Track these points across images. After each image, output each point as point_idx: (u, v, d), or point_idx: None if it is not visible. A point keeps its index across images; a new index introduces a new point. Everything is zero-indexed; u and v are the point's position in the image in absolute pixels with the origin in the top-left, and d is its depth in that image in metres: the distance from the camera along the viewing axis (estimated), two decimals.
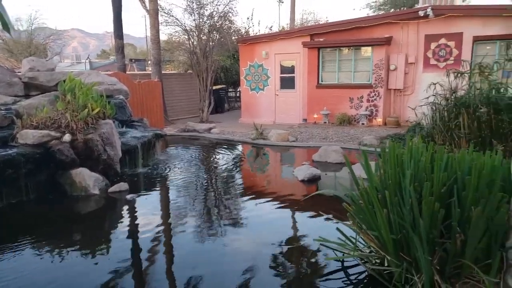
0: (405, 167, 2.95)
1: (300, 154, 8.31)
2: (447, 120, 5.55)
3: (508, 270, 2.44)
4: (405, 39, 11.15)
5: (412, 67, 11.17)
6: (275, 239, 3.87)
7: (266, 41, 13.21)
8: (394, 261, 2.79)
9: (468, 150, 3.08)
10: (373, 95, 11.48)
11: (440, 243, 2.60)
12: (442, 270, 2.61)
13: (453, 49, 10.60)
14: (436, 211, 2.54)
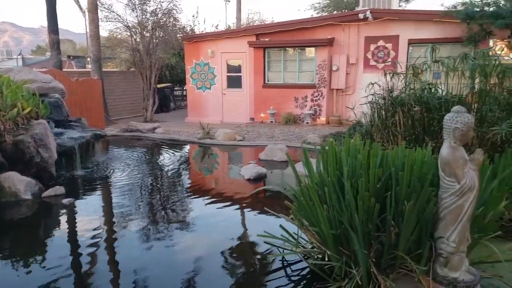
0: (343, 164, 3.04)
1: (247, 153, 8.33)
2: (385, 118, 5.83)
3: (436, 259, 2.60)
4: (347, 41, 11.58)
5: (353, 67, 11.64)
6: (222, 238, 3.85)
7: (212, 39, 13.10)
8: (334, 255, 2.86)
9: (403, 146, 3.25)
10: (316, 95, 11.80)
11: (376, 237, 2.71)
12: (378, 262, 2.72)
13: (391, 51, 11.19)
14: (372, 206, 2.64)
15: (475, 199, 2.47)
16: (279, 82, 12.31)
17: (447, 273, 2.54)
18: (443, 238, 2.53)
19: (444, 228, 2.53)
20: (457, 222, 2.48)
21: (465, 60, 5.30)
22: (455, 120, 2.45)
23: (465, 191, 2.43)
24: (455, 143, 2.47)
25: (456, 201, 2.46)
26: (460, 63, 5.36)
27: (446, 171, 2.48)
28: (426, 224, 2.59)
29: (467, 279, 2.51)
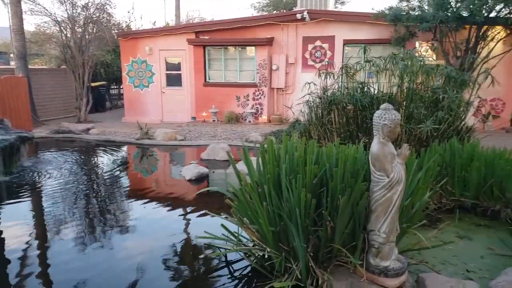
0: (281, 161, 3.09)
1: (188, 153, 8.19)
2: (321, 116, 6.03)
3: (369, 250, 2.74)
4: (286, 40, 11.82)
5: (292, 67, 11.91)
6: (163, 241, 3.76)
7: (149, 36, 12.69)
8: (274, 252, 2.90)
9: (337, 143, 3.38)
10: (258, 93, 11.92)
11: (313, 231, 2.78)
12: (316, 256, 2.80)
13: (327, 51, 11.60)
14: (309, 202, 2.71)
15: (402, 191, 2.63)
16: (220, 81, 12.26)
17: (379, 262, 2.69)
18: (374, 230, 2.66)
19: (375, 220, 2.67)
20: (387, 214, 2.62)
21: (394, 60, 5.64)
22: (383, 117, 2.59)
23: (393, 184, 2.58)
24: (384, 139, 2.61)
25: (386, 194, 2.60)
26: (389, 63, 5.70)
27: (376, 166, 2.61)
28: (359, 217, 2.71)
29: (396, 267, 2.67)
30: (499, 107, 10.49)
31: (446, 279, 2.72)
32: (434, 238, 3.63)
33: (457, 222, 4.09)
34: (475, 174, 4.28)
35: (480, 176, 4.29)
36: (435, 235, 3.69)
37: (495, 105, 10.48)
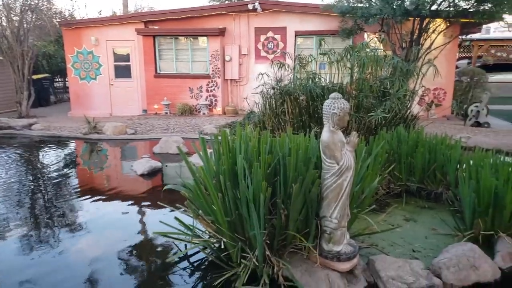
0: (236, 152, 3.07)
1: (140, 147, 7.95)
2: (275, 107, 6.07)
3: (322, 235, 2.80)
4: (238, 31, 11.74)
5: (246, 58, 11.88)
6: (117, 239, 3.62)
7: (95, 26, 12.10)
8: (230, 242, 2.89)
9: (290, 132, 3.41)
10: (211, 85, 11.79)
11: (268, 220, 2.80)
12: (271, 244, 2.83)
13: (280, 42, 11.68)
14: (264, 191, 2.72)
15: (352, 177, 2.71)
16: (172, 72, 11.97)
17: (331, 247, 2.76)
18: (326, 216, 2.73)
19: (327, 206, 2.73)
20: (338, 200, 2.70)
21: (350, 53, 5.78)
22: (332, 106, 2.64)
23: (343, 171, 2.65)
24: (334, 127, 2.66)
25: (337, 181, 2.67)
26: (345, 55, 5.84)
27: (326, 154, 2.67)
28: (312, 204, 2.77)
29: (348, 251, 2.76)
30: (441, 96, 11.13)
31: (394, 260, 2.86)
32: (383, 222, 3.79)
33: (404, 205, 4.31)
34: (420, 159, 4.52)
35: (424, 161, 4.53)
36: (384, 219, 3.85)
37: (438, 94, 11.11)
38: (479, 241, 3.31)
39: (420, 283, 2.61)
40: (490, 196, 3.28)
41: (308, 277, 2.70)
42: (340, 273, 2.72)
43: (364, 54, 5.59)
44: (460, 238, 3.38)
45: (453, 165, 4.28)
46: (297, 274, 2.75)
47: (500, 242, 3.20)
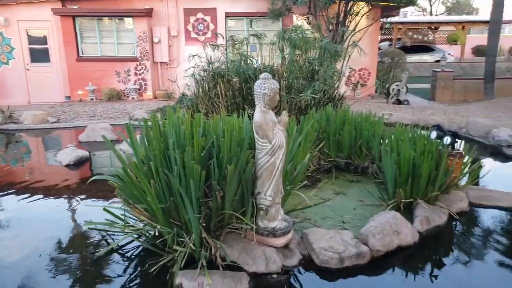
0: (168, 136, 2.99)
1: (64, 136, 7.43)
2: (207, 90, 5.99)
3: (258, 213, 2.86)
4: (166, 12, 11.31)
5: (175, 40, 11.51)
6: (43, 234, 3.36)
7: (3, 4, 10.91)
8: (166, 228, 2.84)
9: (223, 115, 3.40)
10: (140, 68, 11.30)
11: (204, 202, 2.79)
12: (208, 227, 2.83)
13: (210, 23, 11.47)
14: (198, 174, 2.69)
15: (284, 155, 2.78)
16: (96, 55, 11.26)
17: (267, 224, 2.84)
18: (261, 194, 2.79)
19: (261, 185, 2.78)
20: (272, 178, 2.76)
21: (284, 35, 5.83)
22: (263, 87, 2.67)
23: (275, 149, 2.71)
24: (265, 108, 2.70)
25: (270, 159, 2.72)
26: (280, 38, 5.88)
27: (259, 134, 2.70)
28: (247, 183, 2.80)
29: (283, 227, 2.85)
30: (366, 76, 11.78)
31: (325, 232, 3.01)
32: (315, 197, 3.97)
33: (334, 180, 4.54)
34: (347, 136, 4.76)
35: (351, 138, 4.78)
36: (315, 194, 4.03)
37: (363, 74, 11.74)
38: (401, 208, 3.61)
39: (350, 251, 2.79)
40: (409, 167, 3.58)
41: (246, 255, 2.75)
42: (276, 249, 2.81)
43: (296, 36, 5.70)
44: (384, 207, 3.65)
45: (376, 140, 4.58)
46: (234, 254, 2.78)
47: (418, 208, 3.51)
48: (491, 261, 3.00)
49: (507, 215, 3.72)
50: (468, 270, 2.91)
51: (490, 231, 3.47)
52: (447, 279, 2.78)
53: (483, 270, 2.91)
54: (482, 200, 3.91)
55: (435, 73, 11.51)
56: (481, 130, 6.31)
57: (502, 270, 2.89)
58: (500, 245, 3.24)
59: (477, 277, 2.82)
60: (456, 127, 6.94)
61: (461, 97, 11.39)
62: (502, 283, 2.74)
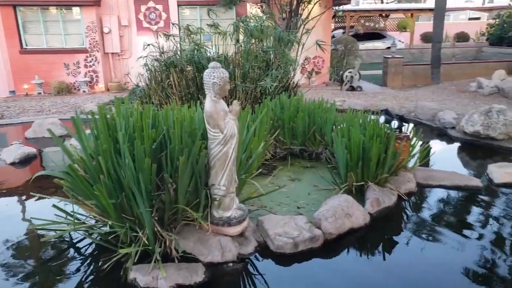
0: (117, 129, 2.90)
1: (9, 133, 7.02)
2: (160, 80, 5.86)
3: (212, 204, 2.86)
4: (115, 1, 10.86)
5: (127, 30, 11.11)
6: None
7: None
8: (118, 224, 2.77)
9: (174, 105, 3.34)
10: (90, 60, 10.82)
11: (157, 196, 2.74)
12: (162, 220, 2.79)
13: (162, 12, 11.14)
14: (149, 167, 2.63)
15: (236, 145, 2.78)
16: (42, 47, 10.64)
17: (222, 214, 2.84)
18: (215, 184, 2.78)
19: (215, 175, 2.78)
20: (225, 168, 2.76)
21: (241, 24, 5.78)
22: (212, 76, 2.64)
23: (228, 139, 2.70)
24: (216, 97, 2.68)
25: (222, 149, 2.71)
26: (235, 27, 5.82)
27: (210, 123, 2.68)
28: (200, 174, 2.78)
29: (238, 215, 2.87)
30: (320, 64, 11.98)
31: (280, 218, 3.07)
32: (270, 184, 4.02)
33: (290, 167, 4.61)
34: (301, 124, 4.84)
35: (305, 125, 4.86)
36: (271, 181, 4.08)
37: (317, 62, 11.92)
38: (353, 191, 3.74)
39: (304, 235, 2.86)
40: (359, 151, 3.70)
41: (201, 246, 2.74)
42: (232, 237, 2.82)
43: (252, 25, 5.68)
44: (337, 191, 3.76)
45: (329, 127, 4.69)
46: (190, 245, 2.77)
47: (369, 190, 3.65)
48: (437, 237, 3.18)
49: (451, 194, 3.95)
50: (416, 247, 3.08)
51: (436, 209, 3.68)
52: (397, 257, 2.93)
53: (430, 246, 3.08)
54: (428, 180, 4.12)
55: (386, 60, 11.92)
56: (428, 114, 6.64)
57: (446, 245, 3.07)
58: (444, 221, 3.45)
59: (424, 253, 2.99)
60: (405, 111, 7.25)
61: (410, 82, 11.88)
62: (446, 256, 2.92)
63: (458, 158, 5.34)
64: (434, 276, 2.68)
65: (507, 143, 5.11)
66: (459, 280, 2.66)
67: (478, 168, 4.71)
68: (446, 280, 2.66)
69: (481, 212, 3.64)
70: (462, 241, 3.13)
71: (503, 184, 4.01)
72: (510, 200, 3.80)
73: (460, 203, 3.81)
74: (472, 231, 3.27)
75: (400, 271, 2.78)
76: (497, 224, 3.38)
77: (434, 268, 2.77)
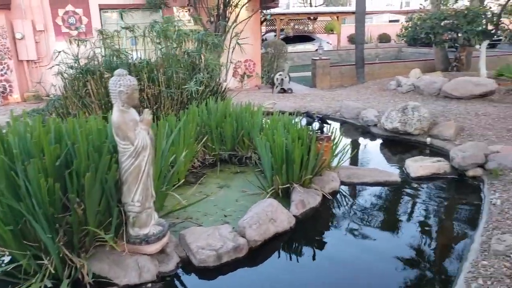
0: (12, 146, 2.59)
1: None
2: (77, 88, 5.46)
3: (127, 221, 2.66)
4: (28, 4, 10.00)
5: (43, 35, 10.29)
6: None
7: None
8: (19, 252, 2.47)
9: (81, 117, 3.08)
10: (1, 68, 9.87)
11: (62, 218, 2.49)
12: (71, 244, 2.54)
13: (82, 16, 10.48)
14: (52, 187, 2.38)
15: (150, 156, 2.61)
16: None
17: (138, 232, 2.66)
18: (129, 202, 2.59)
19: (128, 191, 2.59)
20: (138, 182, 2.58)
21: (154, 27, 5.53)
22: (118, 84, 2.46)
23: (139, 151, 2.53)
24: (124, 106, 2.50)
25: (134, 162, 2.53)
26: (150, 30, 5.56)
27: (119, 135, 2.49)
28: (111, 191, 2.58)
29: (157, 232, 2.70)
30: (251, 67, 12.02)
31: (204, 230, 2.95)
32: (198, 193, 3.88)
33: (219, 174, 4.50)
34: (229, 128, 4.76)
35: (233, 129, 4.80)
36: (199, 190, 3.95)
37: (248, 65, 11.95)
38: (279, 194, 3.73)
39: (227, 246, 2.76)
40: (283, 154, 3.69)
41: (117, 268, 2.54)
42: (151, 256, 2.65)
43: (171, 28, 5.49)
44: (264, 195, 3.72)
45: (256, 130, 4.65)
46: (105, 268, 2.56)
47: (294, 192, 3.66)
48: (360, 231, 3.28)
49: (372, 190, 4.10)
50: (341, 243, 3.14)
51: (358, 206, 3.78)
52: (322, 257, 2.95)
53: (354, 241, 3.16)
54: (352, 178, 4.24)
55: (314, 62, 12.28)
56: (353, 112, 6.90)
57: (370, 238, 3.18)
58: (366, 216, 3.55)
59: (350, 248, 3.05)
60: (332, 111, 7.49)
61: (338, 83, 12.36)
62: (372, 248, 3.02)
63: (381, 154, 5.59)
64: (364, 267, 2.78)
65: (421, 137, 5.44)
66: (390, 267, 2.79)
67: (398, 163, 4.95)
68: (377, 268, 2.78)
69: (399, 205, 3.83)
70: (384, 234, 3.28)
71: (418, 178, 4.24)
72: (424, 192, 4.03)
73: (380, 198, 3.96)
74: (391, 223, 3.43)
75: (328, 268, 2.83)
76: (414, 215, 3.57)
77: (362, 260, 2.87)
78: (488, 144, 4.69)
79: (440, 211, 3.63)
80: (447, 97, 7.72)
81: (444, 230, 3.37)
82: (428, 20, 9.79)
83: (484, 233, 2.88)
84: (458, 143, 4.89)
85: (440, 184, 4.18)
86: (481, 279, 2.31)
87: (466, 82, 7.59)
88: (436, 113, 6.24)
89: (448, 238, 3.23)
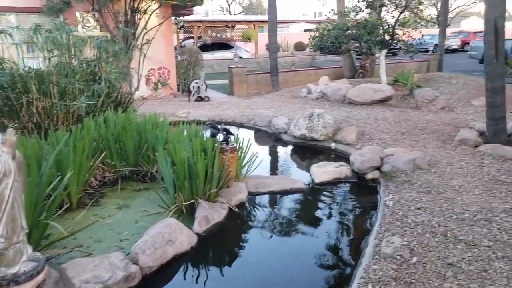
0: None
1: None
2: None
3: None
4: None
5: None
6: None
7: None
8: None
9: None
10: None
11: None
12: None
13: None
14: None
15: (16, 182, 2.27)
16: None
17: (5, 271, 2.28)
18: None
19: None
20: (2, 214, 2.22)
21: (39, 32, 4.99)
22: None
23: (1, 178, 2.18)
24: None
25: None
26: (35, 35, 5.01)
27: None
28: None
29: (29, 269, 2.35)
30: (166, 75, 11.64)
31: (90, 260, 2.64)
32: (93, 216, 3.54)
33: (120, 192, 4.16)
34: (131, 142, 4.45)
35: (135, 143, 4.50)
36: (94, 213, 3.60)
37: (162, 73, 11.56)
38: (184, 212, 3.54)
39: (117, 276, 2.51)
40: (185, 168, 3.51)
41: None
42: None
43: (59, 34, 5.00)
44: (167, 214, 3.49)
45: (161, 144, 4.40)
46: None
47: (198, 208, 3.49)
48: (266, 242, 3.25)
49: (278, 198, 4.10)
50: (245, 255, 3.06)
51: (263, 216, 3.75)
52: (227, 272, 2.84)
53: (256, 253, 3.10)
54: (259, 188, 4.20)
55: (230, 69, 12.28)
56: (265, 120, 6.95)
57: (277, 246, 3.19)
58: (272, 225, 3.53)
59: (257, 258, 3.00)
60: (246, 119, 7.48)
61: (255, 90, 12.49)
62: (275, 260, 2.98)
63: (291, 160, 5.67)
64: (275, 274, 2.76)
65: (327, 143, 5.63)
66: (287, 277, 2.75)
67: (306, 169, 5.06)
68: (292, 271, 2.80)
69: (301, 212, 3.88)
70: (291, 240, 3.32)
71: (321, 183, 4.35)
72: (327, 198, 4.13)
73: (285, 206, 3.96)
74: (292, 231, 3.46)
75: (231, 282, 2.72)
76: (315, 221, 3.64)
77: (271, 268, 2.85)
78: (384, 147, 4.98)
79: (339, 216, 3.74)
80: (351, 103, 8.16)
81: (343, 235, 3.45)
82: (333, 30, 10.33)
83: (377, 236, 2.98)
84: (359, 147, 5.13)
85: (342, 188, 4.33)
86: (370, 285, 2.36)
87: (367, 88, 8.10)
88: (341, 118, 6.53)
89: (346, 243, 3.31)
